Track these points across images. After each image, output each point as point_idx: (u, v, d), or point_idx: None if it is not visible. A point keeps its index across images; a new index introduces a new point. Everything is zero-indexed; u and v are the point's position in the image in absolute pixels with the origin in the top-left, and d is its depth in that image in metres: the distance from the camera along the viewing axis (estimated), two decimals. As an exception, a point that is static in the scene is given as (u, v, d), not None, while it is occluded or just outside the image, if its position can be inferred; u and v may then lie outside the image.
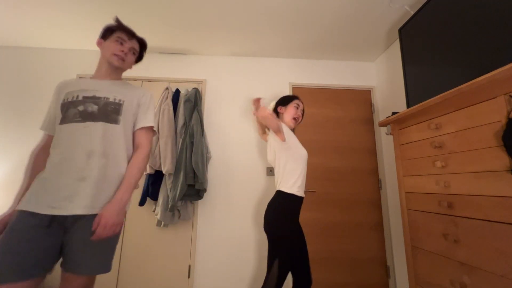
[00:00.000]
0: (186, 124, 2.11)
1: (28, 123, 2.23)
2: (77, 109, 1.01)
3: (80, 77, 2.30)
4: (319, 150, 2.34)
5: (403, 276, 1.99)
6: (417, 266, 1.33)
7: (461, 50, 1.24)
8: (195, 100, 2.18)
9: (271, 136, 1.54)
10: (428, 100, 1.23)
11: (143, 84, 2.39)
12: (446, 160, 1.17)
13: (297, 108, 1.63)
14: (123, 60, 1.12)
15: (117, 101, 1.06)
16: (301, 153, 1.49)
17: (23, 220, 0.88)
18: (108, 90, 1.07)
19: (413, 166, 1.39)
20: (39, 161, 1.04)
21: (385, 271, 2.15)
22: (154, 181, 2.05)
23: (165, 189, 2.00)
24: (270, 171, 2.25)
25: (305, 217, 2.19)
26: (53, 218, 0.90)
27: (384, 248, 2.19)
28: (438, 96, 1.17)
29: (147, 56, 1.31)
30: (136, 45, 1.18)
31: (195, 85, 2.37)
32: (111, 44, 1.12)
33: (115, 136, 1.03)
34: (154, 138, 1.98)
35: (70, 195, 0.92)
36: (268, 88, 2.45)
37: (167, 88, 2.18)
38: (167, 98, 2.13)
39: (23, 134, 2.21)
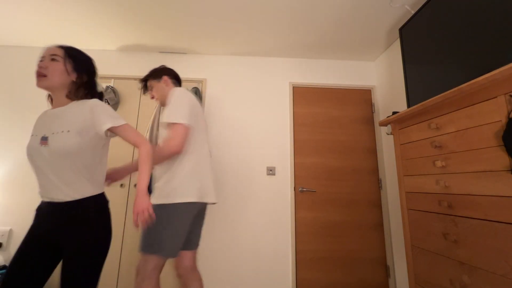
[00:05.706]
0: (186, 124, 2.11)
1: (28, 123, 2.23)
2: None
3: None
4: (319, 150, 2.34)
5: (403, 276, 1.99)
6: (417, 266, 1.33)
7: (462, 49, 1.24)
8: (195, 100, 2.18)
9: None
10: (429, 100, 1.23)
11: (143, 83, 2.39)
12: (446, 160, 1.17)
13: None
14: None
15: None
16: None
17: None
18: None
19: (413, 166, 1.39)
20: None
21: (385, 271, 2.15)
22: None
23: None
24: (270, 171, 2.25)
25: (305, 217, 2.20)
26: None
27: (384, 248, 2.19)
28: (439, 96, 1.17)
29: (147, 55, 1.29)
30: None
31: (195, 85, 2.37)
32: None
33: None
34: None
35: None
36: (268, 87, 2.45)
37: (167, 88, 2.17)
38: (167, 97, 2.13)
39: (23, 134, 2.21)
